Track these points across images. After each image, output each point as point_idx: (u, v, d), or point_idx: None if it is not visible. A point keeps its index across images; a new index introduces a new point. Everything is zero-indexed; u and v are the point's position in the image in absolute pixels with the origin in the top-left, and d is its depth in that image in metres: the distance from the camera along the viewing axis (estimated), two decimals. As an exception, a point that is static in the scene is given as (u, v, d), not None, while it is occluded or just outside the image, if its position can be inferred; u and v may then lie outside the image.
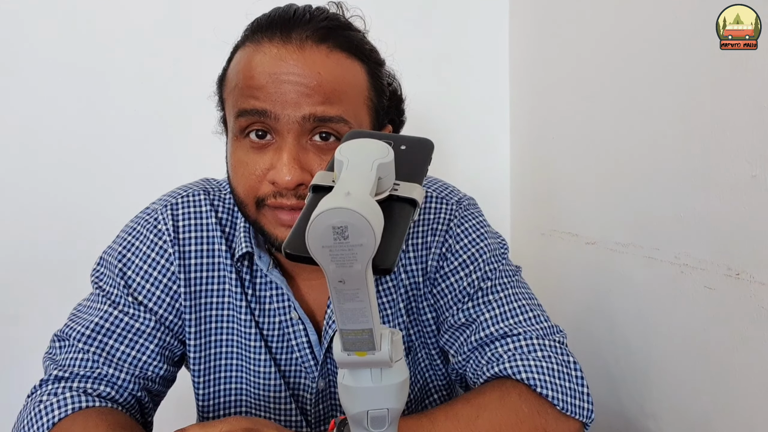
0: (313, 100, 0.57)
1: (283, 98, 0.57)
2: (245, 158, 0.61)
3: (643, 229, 0.84)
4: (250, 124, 0.60)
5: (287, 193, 0.59)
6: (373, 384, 0.44)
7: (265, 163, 0.60)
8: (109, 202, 1.12)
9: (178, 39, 1.14)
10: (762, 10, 0.62)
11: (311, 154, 0.59)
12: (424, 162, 0.43)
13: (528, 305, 0.69)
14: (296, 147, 0.58)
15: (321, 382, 0.72)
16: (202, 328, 0.71)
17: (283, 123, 0.58)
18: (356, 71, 0.62)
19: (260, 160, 0.60)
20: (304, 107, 0.57)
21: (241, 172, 0.62)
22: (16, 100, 1.09)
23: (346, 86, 0.60)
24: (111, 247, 0.72)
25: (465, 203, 0.74)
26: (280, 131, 0.59)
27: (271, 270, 0.69)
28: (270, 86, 0.57)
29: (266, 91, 0.58)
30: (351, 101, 0.60)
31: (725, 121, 0.67)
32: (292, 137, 0.58)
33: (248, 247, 0.68)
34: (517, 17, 1.24)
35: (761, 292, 0.63)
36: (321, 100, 0.57)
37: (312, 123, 0.58)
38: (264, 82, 0.58)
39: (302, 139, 0.59)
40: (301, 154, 0.59)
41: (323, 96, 0.57)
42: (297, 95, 0.57)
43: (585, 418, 0.63)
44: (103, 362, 0.66)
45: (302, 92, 0.57)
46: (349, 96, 0.60)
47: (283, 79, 0.57)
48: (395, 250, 0.37)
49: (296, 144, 0.59)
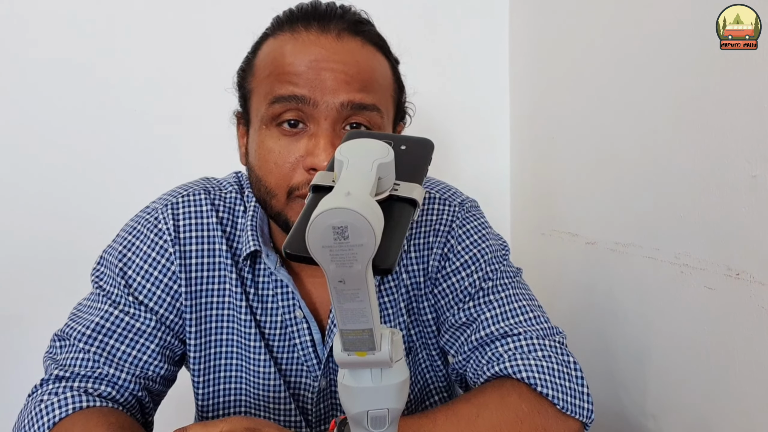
0: (352, 87, 0.59)
1: (323, 84, 0.58)
2: (276, 146, 0.61)
3: (643, 229, 0.84)
4: (285, 111, 0.60)
5: None
6: (373, 384, 0.44)
7: (300, 150, 0.60)
8: (109, 201, 1.12)
9: (178, 38, 1.14)
10: (762, 10, 0.62)
11: None
12: (424, 162, 0.43)
13: (528, 306, 0.69)
14: (332, 133, 0.59)
15: (323, 381, 0.72)
16: (202, 327, 0.71)
17: (321, 109, 0.59)
18: (385, 65, 0.64)
19: (294, 147, 0.60)
20: (343, 94, 0.58)
21: (273, 160, 0.61)
22: (16, 99, 1.09)
23: (379, 77, 0.62)
24: (111, 247, 0.72)
25: (467, 205, 0.75)
26: (316, 118, 0.59)
27: (278, 268, 0.69)
28: (309, 72, 0.58)
29: (305, 77, 0.58)
30: (383, 92, 0.62)
31: (725, 121, 0.67)
32: (329, 124, 0.59)
33: (255, 246, 0.68)
34: (517, 17, 1.24)
35: (761, 292, 0.63)
36: (359, 88, 0.59)
37: (348, 110, 0.59)
38: (303, 69, 0.59)
39: (336, 127, 0.60)
40: (336, 141, 0.59)
41: (361, 84, 0.59)
42: (336, 82, 0.58)
43: (585, 418, 0.63)
44: (104, 362, 0.66)
45: (341, 79, 0.58)
46: (382, 87, 0.62)
47: (323, 66, 0.58)
48: (395, 250, 0.37)
49: (332, 130, 0.60)
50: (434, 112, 1.23)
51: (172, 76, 1.14)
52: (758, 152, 0.62)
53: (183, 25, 1.14)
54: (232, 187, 0.73)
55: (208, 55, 1.13)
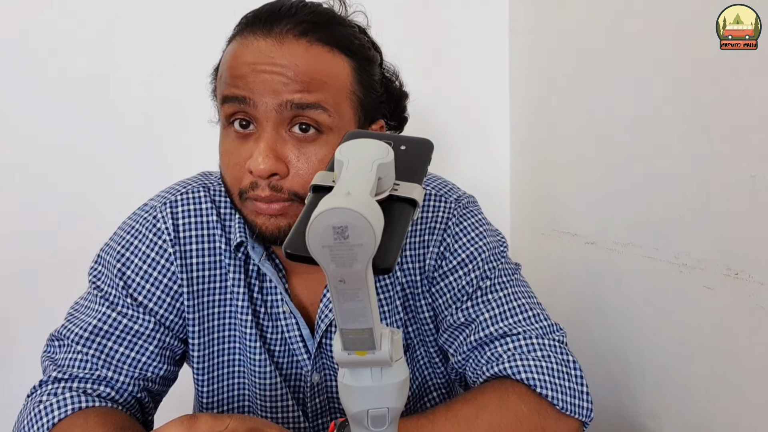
0: (290, 89, 0.59)
1: (261, 86, 0.59)
2: (230, 148, 0.63)
3: (642, 229, 0.84)
4: (234, 112, 0.61)
5: (262, 184, 0.60)
6: (373, 383, 0.44)
7: (246, 152, 0.61)
8: (109, 200, 1.12)
9: (177, 37, 1.14)
10: (762, 10, 0.62)
11: (289, 145, 0.60)
12: (424, 162, 0.43)
13: (527, 304, 0.69)
14: (274, 136, 0.60)
15: (315, 376, 0.72)
16: (204, 326, 0.71)
17: (261, 111, 0.59)
18: (338, 65, 0.63)
19: (243, 149, 0.62)
20: (282, 95, 0.59)
21: (226, 162, 0.63)
22: (16, 99, 1.09)
23: (325, 77, 0.61)
24: (109, 246, 0.71)
25: (464, 201, 0.74)
26: (259, 120, 0.60)
27: (263, 261, 0.69)
28: (249, 75, 0.59)
29: (246, 79, 0.60)
30: (331, 91, 0.61)
31: (725, 121, 0.67)
32: (271, 126, 0.60)
33: (241, 237, 0.68)
34: (517, 17, 1.24)
35: (761, 291, 0.63)
36: (298, 89, 0.59)
37: (290, 111, 0.59)
38: (244, 72, 0.60)
39: (280, 129, 0.60)
40: (278, 144, 0.60)
41: (300, 84, 0.59)
42: (274, 84, 0.59)
43: (584, 417, 0.63)
44: (102, 365, 0.66)
45: (280, 81, 0.59)
46: (330, 86, 0.61)
47: (261, 69, 0.59)
48: (395, 250, 0.37)
49: (274, 133, 0.60)
50: (434, 112, 1.23)
51: (171, 75, 1.14)
52: (758, 152, 0.62)
53: (182, 25, 1.14)
54: None
55: (208, 54, 1.13)
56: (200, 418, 0.50)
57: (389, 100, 0.72)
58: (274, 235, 0.62)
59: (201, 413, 0.51)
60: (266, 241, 0.65)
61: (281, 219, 0.61)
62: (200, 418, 0.50)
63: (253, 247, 0.68)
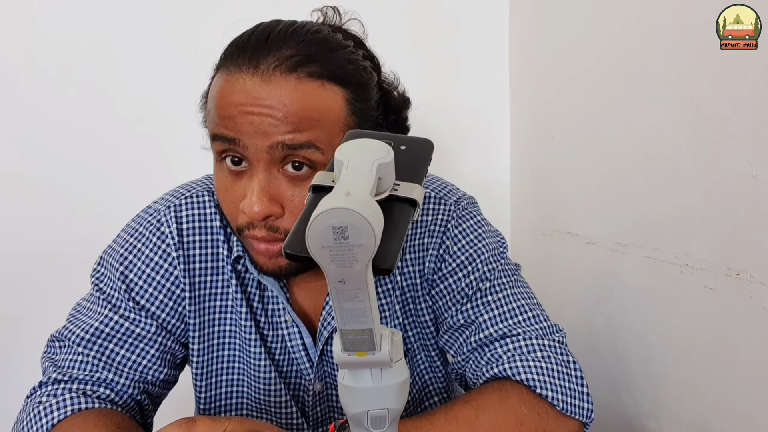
0: (281, 130, 0.56)
1: (250, 129, 0.57)
2: (224, 183, 0.61)
3: (643, 229, 0.83)
4: (225, 150, 0.59)
5: (258, 224, 0.59)
6: (373, 384, 0.44)
7: (240, 190, 0.60)
8: (109, 201, 1.12)
9: (179, 40, 1.14)
10: (762, 10, 0.62)
11: (283, 184, 0.59)
12: (424, 162, 0.43)
13: (527, 305, 0.69)
14: (266, 177, 0.58)
15: (318, 384, 0.71)
16: (205, 331, 0.71)
17: (252, 152, 0.57)
18: (331, 98, 0.59)
19: (237, 187, 0.60)
20: (272, 136, 0.56)
21: (223, 198, 0.62)
22: (16, 101, 1.09)
23: (317, 114, 0.58)
24: (112, 248, 0.71)
25: (463, 203, 0.74)
26: (251, 159, 0.58)
27: (261, 274, 0.68)
28: (238, 117, 0.57)
29: (234, 121, 0.57)
30: (324, 128, 0.58)
31: (725, 121, 0.67)
32: (262, 167, 0.58)
33: (239, 251, 0.68)
34: (517, 17, 1.24)
35: (761, 292, 0.63)
36: (289, 129, 0.57)
37: (281, 151, 0.57)
38: (232, 113, 0.57)
39: (273, 169, 0.58)
40: (272, 184, 0.58)
41: (291, 125, 0.57)
42: (263, 125, 0.56)
43: (584, 417, 0.63)
44: (103, 367, 0.65)
45: (269, 123, 0.56)
46: (322, 123, 0.58)
47: (249, 111, 0.57)
48: (395, 251, 0.37)
49: (266, 174, 0.58)
50: (434, 112, 1.23)
51: (172, 77, 1.14)
52: (758, 152, 0.62)
53: (183, 27, 1.14)
54: None
55: (209, 56, 1.13)
56: (198, 421, 0.50)
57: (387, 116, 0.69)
58: (275, 273, 0.62)
59: (199, 416, 0.51)
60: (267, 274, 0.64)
61: (281, 259, 0.60)
62: (198, 421, 0.50)
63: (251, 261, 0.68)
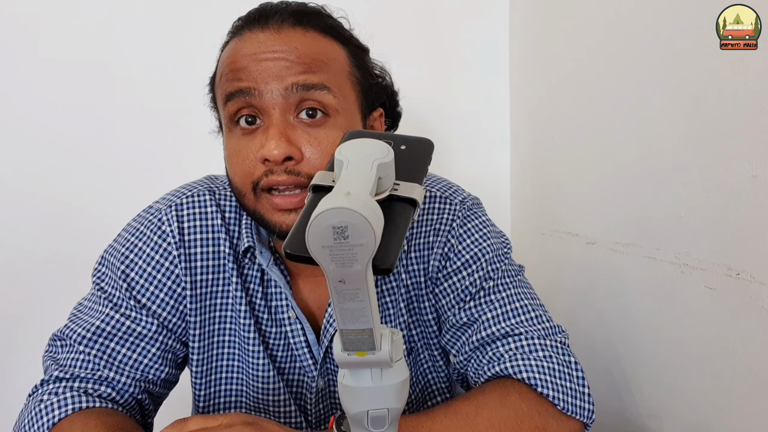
0: (294, 71, 0.60)
1: (265, 74, 0.60)
2: (237, 145, 0.62)
3: (643, 229, 0.83)
4: (239, 109, 0.61)
5: (277, 170, 0.60)
6: (373, 384, 0.44)
7: (256, 145, 0.61)
8: (110, 200, 1.12)
9: (180, 38, 1.14)
10: (762, 10, 0.62)
11: (299, 130, 0.61)
12: (424, 162, 0.43)
13: (530, 305, 0.69)
14: (283, 123, 0.60)
15: (320, 381, 0.72)
16: (206, 330, 0.71)
17: (267, 99, 0.60)
18: (335, 49, 0.65)
19: (251, 144, 0.61)
20: (286, 78, 0.59)
21: (235, 161, 0.63)
22: (17, 99, 1.09)
23: (325, 58, 0.62)
24: (113, 247, 0.71)
25: (469, 203, 0.74)
26: (266, 109, 0.60)
27: (270, 266, 0.69)
28: (251, 65, 0.60)
29: (248, 70, 0.60)
30: (333, 72, 0.62)
31: (725, 121, 0.67)
32: (278, 113, 0.60)
33: (249, 242, 0.68)
34: (518, 17, 1.24)
35: (761, 292, 0.63)
36: (302, 70, 0.60)
37: (296, 94, 0.60)
38: (245, 63, 0.60)
39: (288, 116, 0.61)
40: (288, 130, 0.60)
41: (304, 66, 0.60)
42: (278, 69, 0.60)
43: (586, 418, 0.63)
44: (104, 365, 0.66)
45: (282, 66, 0.60)
46: (330, 68, 0.62)
47: (263, 57, 0.60)
48: (395, 250, 0.37)
49: (283, 120, 0.60)
50: (434, 112, 1.23)
51: (173, 77, 1.14)
52: (758, 152, 0.62)
53: (185, 25, 1.14)
54: None
55: (209, 55, 1.13)
56: (190, 420, 0.51)
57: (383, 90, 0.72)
58: None
59: (191, 416, 0.52)
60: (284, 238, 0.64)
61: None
62: (190, 420, 0.51)
63: (261, 252, 0.68)
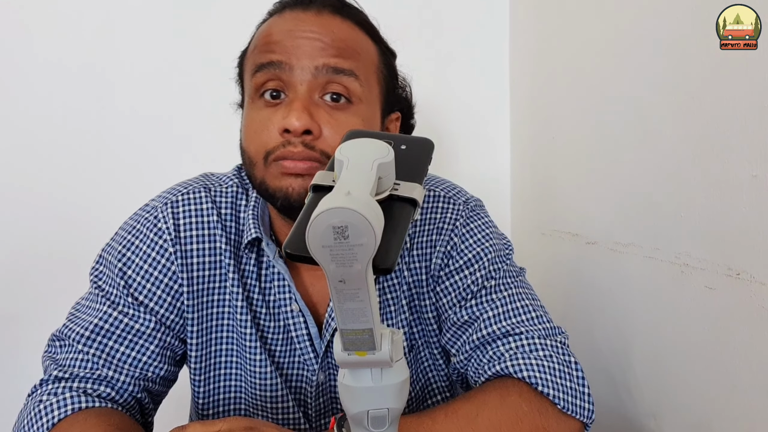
0: (327, 53, 0.61)
1: (299, 50, 0.61)
2: (258, 116, 0.63)
3: (643, 228, 0.83)
4: (266, 81, 0.63)
5: (295, 141, 0.60)
6: (373, 384, 0.44)
7: (278, 117, 0.62)
8: (108, 200, 1.12)
9: (176, 37, 1.14)
10: (762, 10, 0.62)
11: (321, 110, 0.62)
12: (424, 162, 0.43)
13: (531, 305, 0.69)
14: (307, 99, 0.61)
15: (321, 375, 0.72)
16: (203, 326, 0.71)
17: (297, 74, 0.61)
18: (368, 42, 0.67)
19: (273, 116, 0.62)
20: (318, 58, 0.61)
21: (253, 129, 0.64)
22: (16, 99, 1.09)
23: (358, 48, 0.64)
24: (110, 246, 0.71)
25: (472, 204, 0.75)
26: (293, 84, 0.62)
27: (276, 258, 0.69)
28: (287, 40, 0.62)
29: (283, 44, 0.62)
30: (363, 62, 0.64)
31: (725, 121, 0.67)
32: (305, 89, 0.61)
33: (257, 233, 0.68)
34: (518, 17, 1.24)
35: (762, 292, 0.63)
36: (334, 54, 0.62)
37: (324, 76, 0.61)
38: (281, 38, 0.62)
39: (314, 94, 0.62)
40: (311, 107, 0.61)
41: (337, 50, 0.62)
42: (311, 48, 0.61)
43: (586, 418, 0.63)
44: (103, 364, 0.66)
45: (317, 46, 0.61)
46: (362, 58, 0.64)
47: (299, 35, 0.62)
48: (395, 250, 0.37)
49: (308, 96, 0.62)
50: (434, 112, 1.23)
51: (170, 76, 1.14)
52: (758, 152, 0.62)
53: (182, 24, 1.14)
54: (233, 182, 0.73)
55: (207, 54, 1.13)
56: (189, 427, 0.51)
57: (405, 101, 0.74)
58: (301, 197, 0.61)
59: (190, 423, 0.52)
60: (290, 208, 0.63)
61: (309, 179, 0.58)
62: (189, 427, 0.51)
63: (267, 244, 0.69)
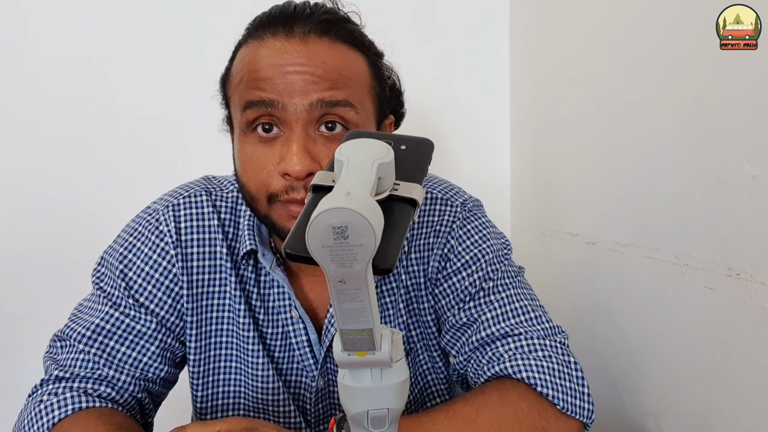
0: (320, 87, 0.59)
1: (290, 88, 0.58)
2: (254, 153, 0.61)
3: (643, 229, 0.83)
4: (257, 117, 0.60)
5: (298, 186, 0.59)
6: (373, 384, 0.44)
7: (275, 156, 0.60)
8: (110, 201, 1.12)
9: (178, 38, 1.14)
10: (762, 10, 0.62)
11: (319, 144, 0.60)
12: (424, 162, 0.43)
13: (530, 306, 0.69)
14: (304, 137, 0.59)
15: (320, 381, 0.72)
16: (203, 330, 0.71)
17: (291, 113, 0.59)
18: (358, 62, 0.63)
19: (269, 153, 0.61)
20: (312, 94, 0.58)
21: (251, 168, 0.62)
22: (17, 99, 1.09)
23: (350, 74, 0.61)
24: (112, 248, 0.71)
25: (469, 205, 0.74)
26: (287, 122, 0.59)
27: (273, 268, 0.69)
28: (276, 78, 0.59)
29: (273, 82, 0.59)
30: (356, 88, 0.62)
31: (725, 121, 0.66)
32: (300, 127, 0.59)
33: (252, 245, 0.68)
34: (518, 17, 1.24)
35: (761, 292, 0.63)
36: (327, 86, 0.59)
37: (319, 110, 0.59)
38: (270, 74, 0.59)
39: (309, 129, 0.60)
40: (309, 144, 0.59)
41: (329, 82, 0.59)
42: (303, 84, 0.58)
43: (585, 418, 0.63)
44: (104, 364, 0.66)
45: (308, 81, 0.58)
46: (354, 83, 0.61)
47: (289, 70, 0.59)
48: (395, 250, 0.37)
49: (304, 134, 0.59)
50: (434, 112, 1.23)
51: (172, 77, 1.14)
52: (758, 152, 0.62)
53: (183, 26, 1.14)
54: (234, 186, 0.73)
55: (208, 55, 1.13)
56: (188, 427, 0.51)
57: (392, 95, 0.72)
58: None
59: (189, 424, 0.52)
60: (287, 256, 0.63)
61: None
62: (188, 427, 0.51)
63: (263, 254, 0.68)
